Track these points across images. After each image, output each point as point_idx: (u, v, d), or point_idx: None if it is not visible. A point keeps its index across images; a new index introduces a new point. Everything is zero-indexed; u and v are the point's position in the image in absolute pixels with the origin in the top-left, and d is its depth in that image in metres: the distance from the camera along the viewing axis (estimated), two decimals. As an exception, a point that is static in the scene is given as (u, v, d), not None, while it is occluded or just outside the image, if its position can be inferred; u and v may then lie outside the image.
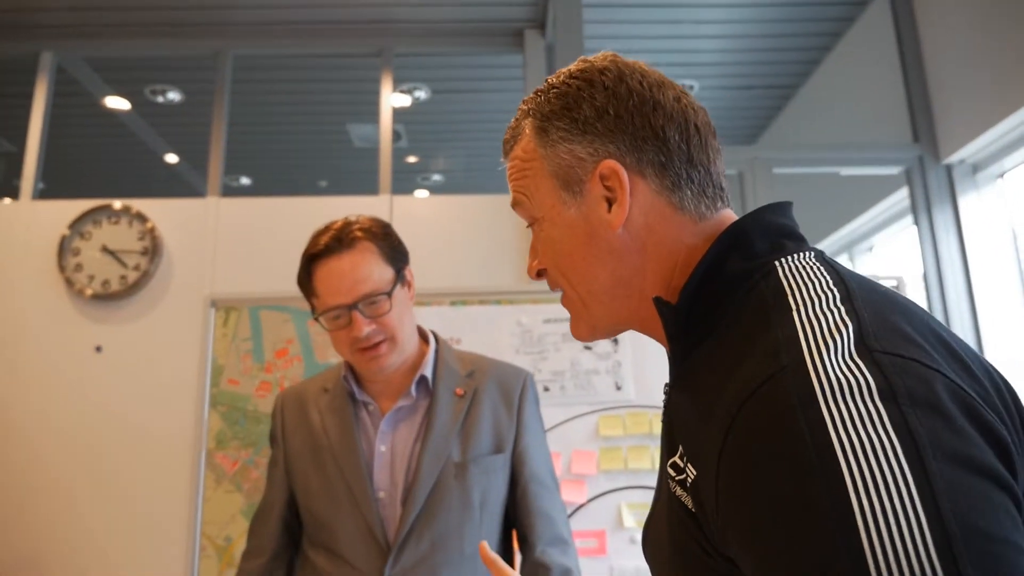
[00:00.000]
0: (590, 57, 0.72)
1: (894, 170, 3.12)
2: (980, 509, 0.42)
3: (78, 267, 2.97)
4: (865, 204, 3.46)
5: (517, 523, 1.36)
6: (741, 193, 3.12)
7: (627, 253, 0.67)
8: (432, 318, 2.30)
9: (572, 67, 0.72)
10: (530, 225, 0.74)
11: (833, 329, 0.51)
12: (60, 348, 2.92)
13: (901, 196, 3.21)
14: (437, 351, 1.40)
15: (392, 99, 3.34)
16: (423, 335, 1.42)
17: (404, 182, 5.10)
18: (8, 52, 3.38)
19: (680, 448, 0.60)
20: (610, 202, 0.67)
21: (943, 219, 2.98)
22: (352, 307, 1.25)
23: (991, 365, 0.56)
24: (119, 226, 3.04)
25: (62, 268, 2.95)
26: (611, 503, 2.19)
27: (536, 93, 0.73)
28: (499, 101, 4.01)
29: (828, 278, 0.58)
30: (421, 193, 5.27)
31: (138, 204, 3.05)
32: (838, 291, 0.56)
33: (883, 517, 0.42)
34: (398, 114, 4.02)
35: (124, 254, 3.00)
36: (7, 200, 3.28)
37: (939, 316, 2.89)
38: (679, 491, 0.58)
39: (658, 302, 0.65)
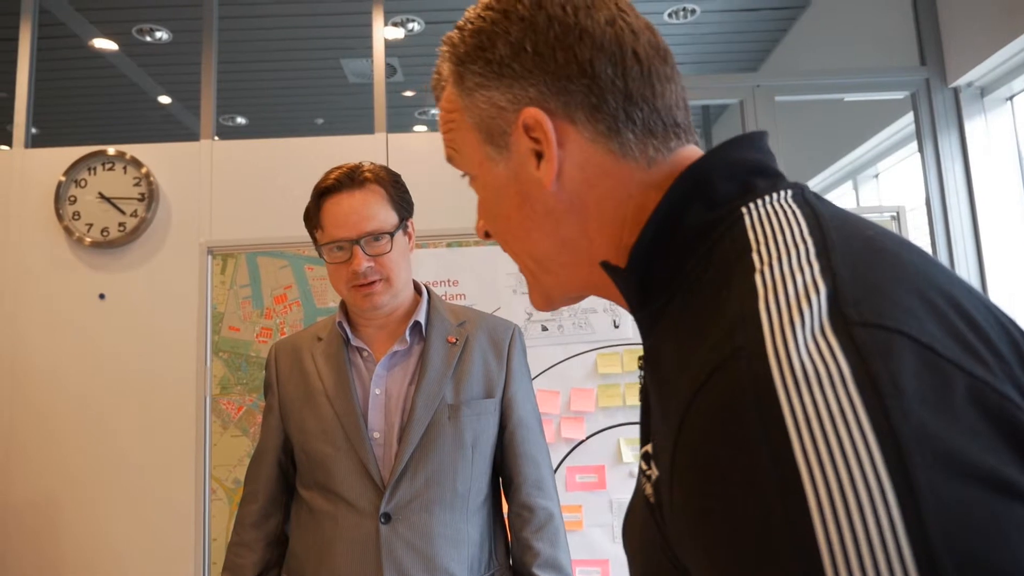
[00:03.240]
0: None
1: (900, 95, 3.04)
2: (984, 533, 0.32)
3: (76, 215, 2.97)
4: (869, 131, 3.39)
5: (504, 466, 1.41)
6: (743, 123, 3.06)
7: (566, 213, 0.57)
8: (429, 260, 2.30)
9: None
10: (470, 181, 0.64)
11: (802, 296, 0.40)
12: (63, 296, 2.94)
13: (906, 122, 3.14)
14: (430, 301, 1.44)
15: (385, 32, 3.26)
16: (416, 288, 1.46)
17: (402, 117, 5.02)
18: (-12, -6, 3.30)
19: (655, 435, 0.52)
20: (539, 155, 0.56)
21: (949, 145, 2.92)
22: (355, 242, 1.30)
23: (1014, 324, 0.44)
24: (114, 172, 3.02)
25: (60, 216, 2.95)
26: (610, 439, 2.23)
27: (456, 28, 0.61)
28: (495, 31, 3.90)
29: (803, 224, 0.47)
30: (420, 128, 5.19)
31: (132, 149, 3.02)
32: (813, 241, 0.45)
33: (854, 544, 0.33)
34: (392, 48, 3.92)
35: (121, 201, 2.98)
36: (4, 148, 3.25)
37: (942, 245, 2.87)
38: (648, 488, 0.51)
39: (606, 267, 0.57)
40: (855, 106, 3.25)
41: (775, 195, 0.51)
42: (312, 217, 1.37)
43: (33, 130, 3.19)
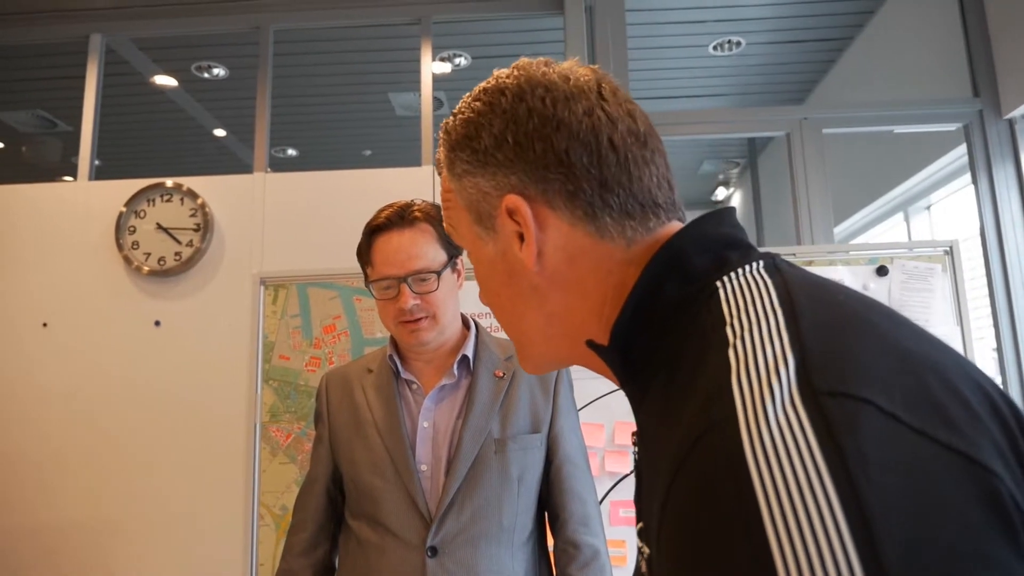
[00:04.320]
0: (502, 71, 0.63)
1: (952, 126, 2.99)
2: None
3: (135, 245, 3.08)
4: (921, 163, 3.34)
5: (550, 502, 1.40)
6: (789, 156, 3.04)
7: (550, 291, 0.60)
8: (470, 293, 2.32)
9: (482, 85, 0.64)
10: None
11: (771, 368, 0.41)
12: (121, 323, 3.04)
13: (959, 153, 3.08)
14: (477, 335, 1.46)
15: (433, 67, 3.33)
16: (464, 321, 1.48)
17: (447, 148, 5.10)
18: (60, 35, 3.47)
19: (647, 510, 0.52)
20: (522, 237, 0.60)
21: (1004, 176, 2.86)
22: (402, 280, 1.32)
23: (984, 377, 0.44)
24: (172, 203, 3.12)
25: (120, 246, 3.06)
26: (655, 473, 2.20)
27: (452, 114, 0.65)
28: (540, 65, 3.96)
29: (773, 293, 0.48)
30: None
31: (189, 182, 3.13)
32: (783, 310, 0.46)
33: None
34: (439, 82, 4.01)
35: (177, 231, 3.09)
36: (69, 179, 3.40)
37: (998, 279, 2.80)
38: (644, 566, 0.52)
39: (591, 345, 0.59)
40: (905, 138, 3.20)
41: (747, 267, 0.53)
42: (363, 253, 1.40)
43: (96, 162, 3.33)
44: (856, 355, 0.41)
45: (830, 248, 2.39)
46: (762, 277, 0.51)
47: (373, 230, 1.38)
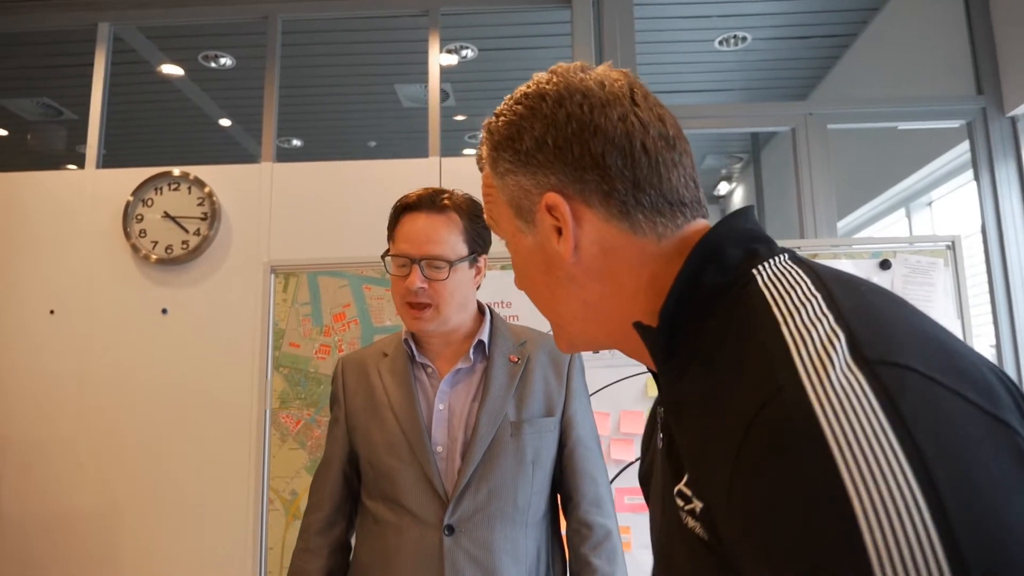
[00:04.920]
0: (541, 76, 0.69)
1: (955, 123, 3.02)
2: (996, 524, 0.39)
3: (142, 233, 3.10)
4: (923, 159, 3.36)
5: (563, 483, 1.43)
6: (794, 150, 3.06)
7: (587, 281, 0.66)
8: (484, 282, 2.35)
9: (522, 89, 0.69)
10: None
11: (825, 341, 0.49)
12: (129, 311, 3.06)
13: (961, 150, 3.11)
14: (492, 321, 1.48)
15: (440, 59, 3.35)
16: (480, 308, 1.50)
17: (452, 141, 5.12)
18: (67, 24, 3.48)
19: (686, 476, 0.58)
20: (560, 231, 0.66)
21: (1006, 174, 2.89)
22: (416, 261, 1.34)
23: (991, 363, 0.51)
24: (179, 192, 3.14)
25: (127, 234, 3.08)
26: (659, 462, 2.23)
27: (494, 115, 0.71)
28: (547, 58, 3.97)
29: (808, 281, 0.55)
30: (469, 151, 5.28)
31: (196, 170, 3.15)
32: (821, 295, 0.53)
33: (895, 544, 0.39)
34: (446, 73, 4.02)
35: (185, 220, 3.11)
36: (73, 167, 3.41)
37: (998, 276, 2.82)
38: (690, 521, 0.57)
39: (638, 327, 0.64)
40: (908, 134, 3.23)
41: (776, 258, 0.60)
42: (391, 228, 1.43)
43: (103, 151, 3.34)
44: (891, 334, 0.49)
45: (834, 242, 2.42)
46: (792, 267, 0.58)
47: (403, 207, 1.40)
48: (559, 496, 1.46)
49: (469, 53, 3.88)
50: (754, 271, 0.59)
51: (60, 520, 2.93)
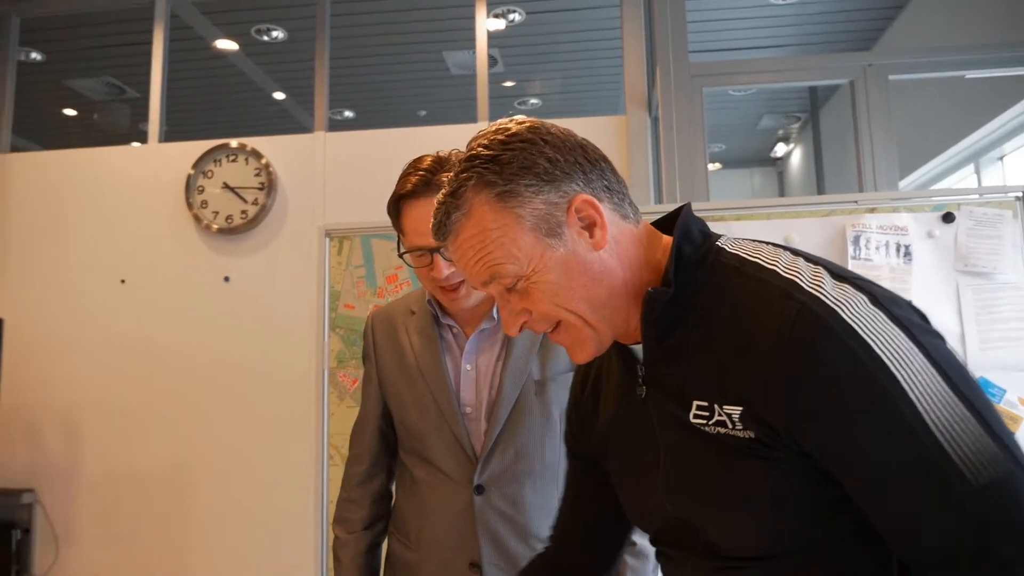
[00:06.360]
0: (504, 122, 0.80)
1: (1027, 70, 2.87)
2: (951, 359, 0.67)
3: (203, 204, 3.20)
4: (994, 110, 3.21)
5: None
6: (853, 105, 2.96)
7: (613, 267, 0.79)
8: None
9: (498, 137, 0.78)
10: (509, 289, 0.79)
11: (814, 273, 0.71)
12: (192, 279, 3.18)
13: (1034, 99, 2.96)
14: None
15: (487, 24, 3.33)
16: None
17: (501, 107, 5.10)
18: (126, 2, 3.58)
19: (700, 400, 0.74)
20: (589, 229, 0.77)
21: (1082, 122, 2.73)
22: (435, 250, 1.27)
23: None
24: (237, 163, 3.23)
25: (189, 205, 3.18)
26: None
27: (468, 172, 0.77)
28: (594, 19, 3.91)
29: (766, 243, 0.79)
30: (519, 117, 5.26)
31: (252, 142, 3.22)
32: (787, 250, 0.76)
33: (916, 377, 0.64)
34: (493, 38, 4.00)
35: (243, 190, 3.19)
36: (136, 144, 3.53)
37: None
38: (721, 430, 0.73)
39: (654, 291, 0.77)
40: (976, 84, 3.08)
41: (723, 236, 0.82)
42: (394, 222, 1.34)
43: (164, 127, 3.45)
44: (850, 272, 0.73)
45: (893, 195, 2.34)
46: (741, 238, 0.81)
47: (399, 199, 1.30)
48: None
49: (516, 16, 3.84)
50: (717, 243, 0.79)
51: (134, 477, 3.09)
